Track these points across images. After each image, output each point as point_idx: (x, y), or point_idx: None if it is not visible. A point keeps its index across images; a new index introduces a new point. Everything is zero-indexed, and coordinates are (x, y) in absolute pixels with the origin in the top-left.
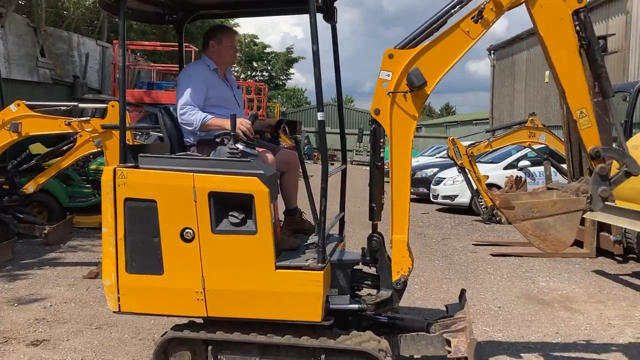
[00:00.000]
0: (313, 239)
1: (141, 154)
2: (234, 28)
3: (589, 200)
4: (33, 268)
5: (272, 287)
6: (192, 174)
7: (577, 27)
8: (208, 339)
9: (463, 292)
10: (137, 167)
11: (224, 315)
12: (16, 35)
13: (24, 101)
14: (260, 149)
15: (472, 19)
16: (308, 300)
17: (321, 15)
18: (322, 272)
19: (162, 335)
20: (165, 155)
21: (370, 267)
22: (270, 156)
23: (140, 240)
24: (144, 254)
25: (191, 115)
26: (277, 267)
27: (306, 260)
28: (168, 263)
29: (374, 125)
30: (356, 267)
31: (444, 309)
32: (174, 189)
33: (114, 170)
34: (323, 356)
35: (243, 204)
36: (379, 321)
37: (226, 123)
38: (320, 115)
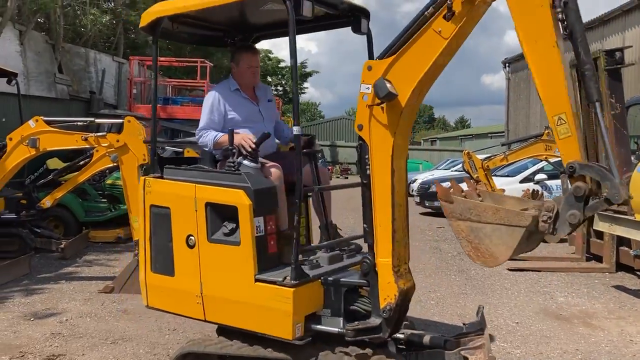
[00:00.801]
0: (322, 254)
1: (166, 166)
2: (255, 46)
3: (550, 221)
4: (49, 282)
5: (251, 299)
6: (194, 185)
7: (560, 16)
8: (224, 354)
9: (480, 308)
10: (161, 177)
11: (216, 320)
12: (35, 52)
13: (42, 117)
14: (269, 164)
15: (443, 17)
16: (279, 316)
17: (350, 27)
18: (292, 289)
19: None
20: (182, 167)
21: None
22: (275, 171)
23: (160, 243)
24: (162, 255)
25: (205, 138)
26: (256, 280)
27: (283, 277)
28: (177, 266)
29: (360, 142)
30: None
31: (461, 324)
32: (182, 198)
33: (144, 180)
34: None
35: (234, 215)
36: (395, 337)
37: (238, 139)
38: (296, 129)
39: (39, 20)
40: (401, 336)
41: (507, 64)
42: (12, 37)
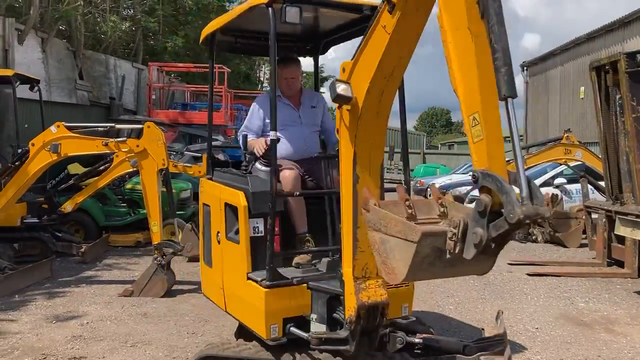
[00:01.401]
0: (323, 260)
1: (216, 168)
2: (291, 57)
3: (455, 239)
4: (70, 286)
5: (244, 295)
6: (221, 186)
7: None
8: (242, 357)
9: (500, 313)
10: (211, 178)
11: (231, 312)
12: (56, 59)
13: (63, 123)
14: (284, 167)
15: (387, 10)
16: (257, 314)
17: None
18: (264, 290)
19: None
20: (221, 170)
21: None
22: (288, 174)
23: (206, 237)
24: (207, 249)
25: (239, 140)
26: (247, 277)
27: (262, 278)
28: (213, 259)
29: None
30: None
31: (480, 330)
32: (214, 198)
33: (201, 180)
34: None
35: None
36: (414, 342)
37: (254, 144)
38: (272, 135)
39: (61, 27)
40: (419, 341)
41: (525, 68)
42: (35, 44)
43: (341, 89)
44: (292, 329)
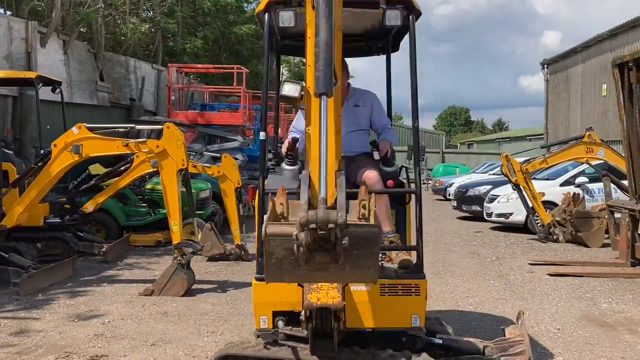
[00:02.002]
0: None
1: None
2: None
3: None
4: (92, 285)
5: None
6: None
7: None
8: (261, 356)
9: (520, 313)
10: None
11: None
12: (78, 61)
13: (84, 124)
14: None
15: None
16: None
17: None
18: (254, 282)
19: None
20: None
21: None
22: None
23: None
24: None
25: (289, 137)
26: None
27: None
28: None
29: None
30: None
31: (500, 330)
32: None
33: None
34: None
35: None
36: (434, 343)
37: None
38: (262, 135)
39: (82, 30)
40: (440, 342)
41: (545, 65)
42: (57, 47)
43: (285, 89)
44: (279, 322)
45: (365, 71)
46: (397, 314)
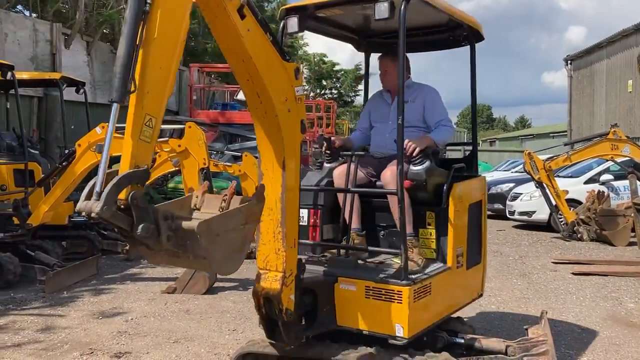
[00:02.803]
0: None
1: None
2: (388, 52)
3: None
4: (115, 283)
5: None
6: None
7: None
8: (282, 354)
9: (544, 313)
10: None
11: None
12: (101, 62)
13: (107, 124)
14: (338, 164)
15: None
16: None
17: None
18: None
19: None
20: None
21: None
22: (336, 171)
23: None
24: None
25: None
26: None
27: None
28: None
29: None
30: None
31: (523, 330)
32: None
33: None
34: None
35: None
36: (455, 342)
37: None
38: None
39: (105, 31)
40: (461, 341)
41: (569, 61)
42: (80, 48)
43: (240, 95)
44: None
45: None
46: (381, 319)
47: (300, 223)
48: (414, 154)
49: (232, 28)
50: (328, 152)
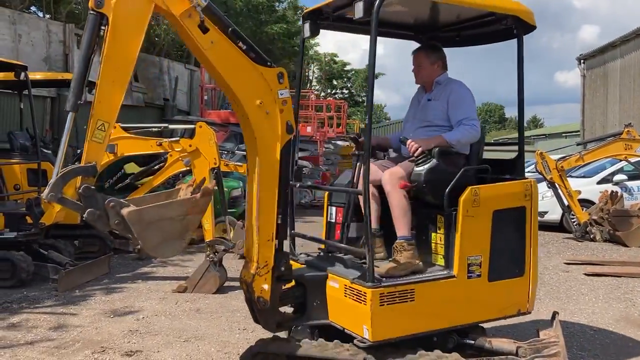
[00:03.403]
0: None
1: None
2: (421, 47)
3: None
4: (127, 281)
5: None
6: None
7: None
8: (292, 354)
9: (555, 314)
10: None
11: None
12: None
13: (119, 123)
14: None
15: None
16: None
17: None
18: None
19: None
20: None
21: None
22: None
23: None
24: None
25: None
26: None
27: None
28: None
29: None
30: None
31: (534, 331)
32: None
33: None
34: None
35: None
36: (465, 343)
37: None
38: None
39: None
40: (472, 342)
41: (582, 61)
42: None
43: None
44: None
45: (395, 68)
46: (355, 318)
47: (329, 220)
48: (416, 154)
49: (193, 41)
50: (356, 152)
